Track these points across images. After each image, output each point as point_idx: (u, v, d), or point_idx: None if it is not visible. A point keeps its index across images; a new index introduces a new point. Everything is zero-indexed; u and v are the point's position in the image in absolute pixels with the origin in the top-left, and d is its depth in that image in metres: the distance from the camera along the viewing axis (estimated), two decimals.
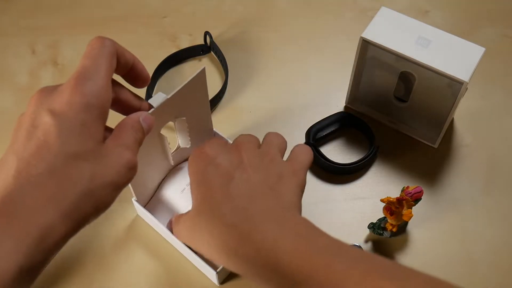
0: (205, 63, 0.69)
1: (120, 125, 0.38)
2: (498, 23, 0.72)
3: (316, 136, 0.60)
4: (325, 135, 0.61)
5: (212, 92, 0.64)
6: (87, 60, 0.36)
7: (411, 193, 0.50)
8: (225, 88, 0.65)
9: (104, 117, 0.36)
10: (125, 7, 0.74)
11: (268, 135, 0.47)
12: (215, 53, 0.69)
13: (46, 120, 0.33)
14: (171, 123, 0.51)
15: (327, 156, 0.59)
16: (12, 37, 0.71)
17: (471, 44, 0.54)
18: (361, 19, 0.72)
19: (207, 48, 0.69)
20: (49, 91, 0.35)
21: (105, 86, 0.35)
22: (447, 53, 0.54)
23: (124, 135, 0.37)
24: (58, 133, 0.33)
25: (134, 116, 0.39)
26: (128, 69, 0.40)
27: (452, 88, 0.54)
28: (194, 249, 0.47)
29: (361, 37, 0.55)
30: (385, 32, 0.55)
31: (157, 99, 0.45)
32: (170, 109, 0.47)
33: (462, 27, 0.71)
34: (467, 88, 0.54)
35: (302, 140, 0.61)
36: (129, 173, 0.36)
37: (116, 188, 0.35)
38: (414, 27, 0.56)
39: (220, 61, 0.68)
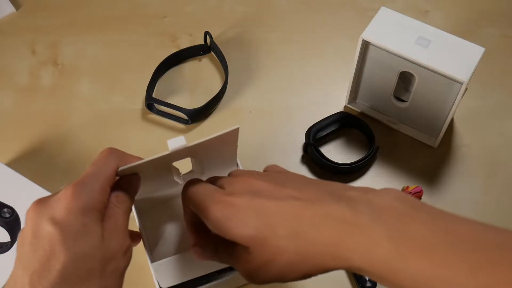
0: (205, 63, 0.69)
1: (110, 204, 0.39)
2: (498, 23, 0.72)
3: (316, 136, 0.60)
4: (325, 135, 0.61)
5: (211, 92, 0.64)
6: (91, 167, 0.39)
7: (411, 193, 0.51)
8: (225, 88, 0.65)
9: (102, 215, 0.37)
10: (125, 7, 0.74)
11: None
12: (215, 53, 0.69)
13: (48, 229, 0.34)
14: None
15: (327, 156, 0.59)
16: (12, 37, 0.71)
17: (471, 44, 0.54)
18: (361, 19, 0.72)
19: (207, 48, 0.69)
20: (45, 201, 0.36)
21: (101, 190, 0.37)
22: (447, 53, 0.54)
23: (112, 214, 0.38)
24: (63, 240, 0.34)
25: (120, 193, 0.40)
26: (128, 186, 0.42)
27: (452, 88, 0.54)
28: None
29: (361, 37, 0.55)
30: (385, 32, 0.55)
31: (175, 143, 0.40)
32: (188, 154, 0.43)
33: (462, 27, 0.71)
34: (467, 88, 0.54)
35: (302, 140, 0.61)
36: (127, 257, 0.37)
37: (123, 273, 0.37)
38: (414, 27, 0.56)
39: (220, 61, 0.68)
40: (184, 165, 0.45)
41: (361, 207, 0.34)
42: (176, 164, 0.43)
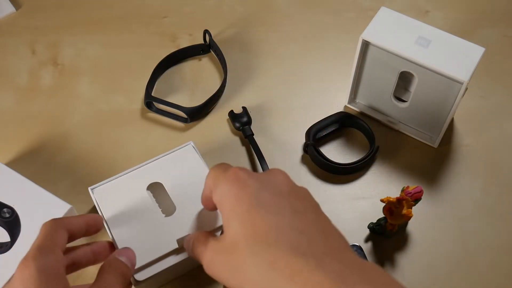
0: (204, 62, 0.69)
1: (100, 269, 0.41)
2: (498, 23, 0.72)
3: (316, 136, 0.60)
4: (325, 135, 0.61)
5: (211, 91, 0.64)
6: (36, 241, 0.39)
7: (411, 193, 0.50)
8: (224, 86, 0.65)
9: (61, 278, 0.38)
10: (125, 7, 0.74)
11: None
12: (215, 52, 0.69)
13: None
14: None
15: (327, 156, 0.59)
16: (12, 37, 0.71)
17: (471, 44, 0.54)
18: (361, 19, 0.72)
19: (207, 47, 0.69)
20: None
21: (56, 255, 0.39)
22: (447, 53, 0.54)
23: (107, 278, 0.40)
24: None
25: (111, 256, 0.42)
26: (84, 232, 0.44)
27: (452, 88, 0.54)
28: (226, 281, 0.37)
29: (361, 37, 0.55)
30: (385, 32, 0.55)
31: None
32: None
33: (462, 27, 0.71)
34: (467, 88, 0.54)
35: (302, 140, 0.61)
36: None
37: None
38: (414, 27, 0.56)
39: (220, 60, 0.68)
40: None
41: (350, 277, 0.32)
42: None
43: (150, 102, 0.63)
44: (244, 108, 0.63)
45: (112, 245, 0.46)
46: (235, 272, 0.35)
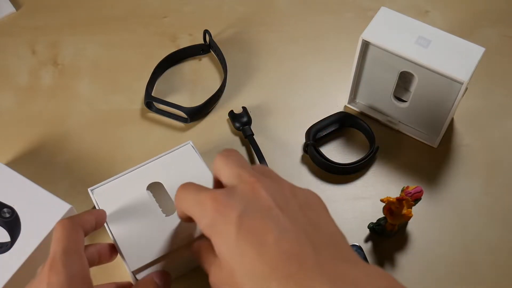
0: (204, 62, 0.69)
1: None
2: (498, 23, 0.72)
3: (316, 136, 0.60)
4: (325, 135, 0.61)
5: (211, 91, 0.64)
6: (54, 246, 0.39)
7: (411, 193, 0.50)
8: (224, 87, 0.65)
9: (88, 282, 0.39)
10: (125, 7, 0.74)
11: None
12: (215, 52, 0.69)
13: None
14: None
15: (327, 156, 0.59)
16: (12, 37, 0.71)
17: (471, 44, 0.54)
18: (361, 19, 0.72)
19: (207, 47, 0.69)
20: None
21: (82, 259, 0.39)
22: (447, 53, 0.54)
23: None
24: None
25: (147, 277, 0.44)
26: (94, 228, 0.45)
27: (452, 88, 0.54)
28: None
29: (361, 37, 0.55)
30: (385, 32, 0.55)
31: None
32: None
33: (462, 27, 0.71)
34: (467, 88, 0.54)
35: (302, 140, 0.61)
36: None
37: None
38: (414, 27, 0.56)
39: (220, 60, 0.68)
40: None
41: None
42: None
43: (150, 102, 0.63)
44: (244, 108, 0.63)
45: (113, 247, 0.47)
46: None
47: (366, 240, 0.54)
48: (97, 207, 0.50)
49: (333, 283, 0.31)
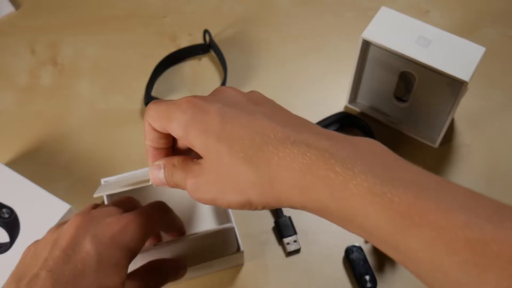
0: (204, 62, 0.69)
1: (150, 267, 0.43)
2: (498, 23, 0.72)
3: None
4: None
5: (210, 91, 0.64)
6: (142, 216, 0.40)
7: None
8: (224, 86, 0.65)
9: (131, 261, 0.39)
10: (125, 7, 0.74)
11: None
12: (214, 51, 0.69)
13: (88, 249, 0.36)
14: None
15: None
16: (11, 36, 0.71)
17: (471, 44, 0.54)
18: (361, 19, 0.72)
19: (206, 47, 0.69)
20: (96, 219, 0.38)
21: (143, 242, 0.39)
22: (447, 53, 0.54)
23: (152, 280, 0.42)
24: (96, 267, 0.36)
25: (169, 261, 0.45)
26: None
27: (453, 87, 0.54)
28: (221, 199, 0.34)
29: (361, 37, 0.55)
30: (385, 32, 0.55)
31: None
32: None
33: (462, 27, 0.71)
34: (467, 88, 0.54)
35: None
36: None
37: None
38: (414, 27, 0.56)
39: (220, 60, 0.68)
40: None
41: (341, 143, 0.31)
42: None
43: (150, 102, 0.63)
44: None
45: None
46: (226, 187, 0.33)
47: (366, 241, 0.54)
48: (105, 200, 0.50)
49: (331, 140, 0.31)
